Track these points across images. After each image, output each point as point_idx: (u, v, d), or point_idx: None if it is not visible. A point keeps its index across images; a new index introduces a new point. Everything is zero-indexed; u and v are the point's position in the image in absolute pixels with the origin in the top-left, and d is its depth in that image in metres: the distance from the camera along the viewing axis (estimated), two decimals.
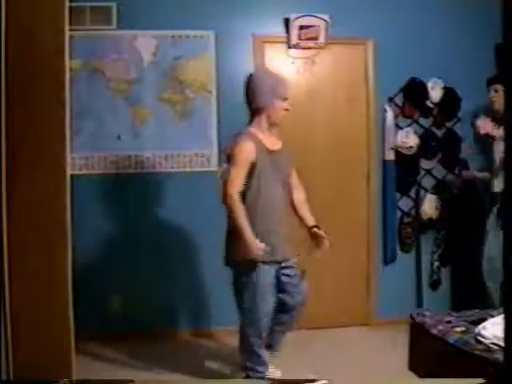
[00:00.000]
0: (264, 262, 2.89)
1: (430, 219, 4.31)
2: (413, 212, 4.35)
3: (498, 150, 3.84)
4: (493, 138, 3.91)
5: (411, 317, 2.62)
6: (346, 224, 4.21)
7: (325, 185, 4.21)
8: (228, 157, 2.99)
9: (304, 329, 4.19)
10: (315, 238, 3.12)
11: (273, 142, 3.06)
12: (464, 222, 4.31)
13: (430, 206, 4.30)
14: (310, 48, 4.19)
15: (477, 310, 2.78)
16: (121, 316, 4.06)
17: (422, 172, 4.34)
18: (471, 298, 4.25)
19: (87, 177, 4.04)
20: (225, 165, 3.07)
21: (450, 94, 4.29)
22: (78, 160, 4.01)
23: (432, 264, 4.37)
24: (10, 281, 2.36)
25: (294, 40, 4.14)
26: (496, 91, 3.87)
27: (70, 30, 2.55)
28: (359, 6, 4.23)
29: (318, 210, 4.24)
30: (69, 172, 2.54)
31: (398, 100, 4.28)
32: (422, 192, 4.34)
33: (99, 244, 4.05)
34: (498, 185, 3.85)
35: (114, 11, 4.03)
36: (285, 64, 4.24)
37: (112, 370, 3.39)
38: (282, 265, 3.03)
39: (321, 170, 4.27)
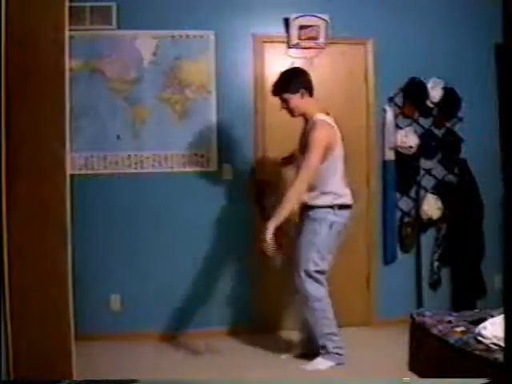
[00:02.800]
0: None
1: (430, 219, 4.31)
2: (413, 212, 4.34)
3: None
4: None
5: (411, 317, 2.62)
6: None
7: None
8: None
9: None
10: None
11: None
12: (464, 221, 4.31)
13: (430, 206, 4.30)
14: (309, 48, 4.19)
15: (477, 310, 2.78)
16: (121, 316, 4.06)
17: (422, 172, 4.34)
18: (471, 298, 4.26)
19: (87, 177, 4.04)
20: None
21: (449, 93, 4.29)
22: (77, 160, 4.01)
23: (432, 264, 4.37)
24: (9, 280, 2.36)
25: (294, 40, 4.14)
26: (284, 100, 3.41)
27: (70, 30, 2.55)
28: (359, 5, 4.23)
29: None
30: (69, 172, 2.55)
31: (398, 100, 4.28)
32: (422, 192, 4.34)
33: (99, 244, 4.05)
34: None
35: (114, 11, 4.02)
36: (285, 64, 4.23)
37: (112, 371, 3.39)
38: None
39: None
